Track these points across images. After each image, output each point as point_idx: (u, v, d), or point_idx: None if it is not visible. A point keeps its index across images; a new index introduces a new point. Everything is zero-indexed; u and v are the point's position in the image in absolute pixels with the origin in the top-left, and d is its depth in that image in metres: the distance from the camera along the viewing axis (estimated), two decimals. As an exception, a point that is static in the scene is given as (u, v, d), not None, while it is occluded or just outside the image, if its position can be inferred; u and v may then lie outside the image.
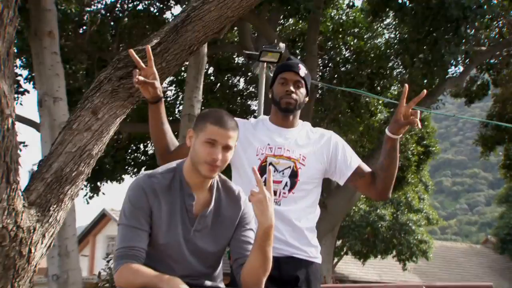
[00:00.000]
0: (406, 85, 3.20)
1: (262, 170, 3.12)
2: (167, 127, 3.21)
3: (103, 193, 17.98)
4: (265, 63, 9.85)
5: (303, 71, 3.29)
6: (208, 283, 2.79)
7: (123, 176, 18.62)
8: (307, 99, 3.36)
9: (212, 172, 2.67)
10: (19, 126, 13.68)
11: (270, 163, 3.18)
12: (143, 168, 18.87)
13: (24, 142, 12.19)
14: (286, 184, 3.17)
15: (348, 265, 26.51)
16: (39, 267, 3.59)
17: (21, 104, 13.77)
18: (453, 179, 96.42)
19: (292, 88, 3.25)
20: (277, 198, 3.13)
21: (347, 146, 3.35)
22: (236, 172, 3.30)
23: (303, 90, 3.30)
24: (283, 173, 3.18)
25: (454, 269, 30.48)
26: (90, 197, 17.89)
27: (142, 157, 19.10)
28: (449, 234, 73.00)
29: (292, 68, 3.29)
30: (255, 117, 12.77)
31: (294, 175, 3.19)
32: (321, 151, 3.28)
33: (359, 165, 3.30)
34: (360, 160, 3.35)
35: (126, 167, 18.67)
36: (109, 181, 18.20)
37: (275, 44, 9.45)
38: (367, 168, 3.31)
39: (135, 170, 18.97)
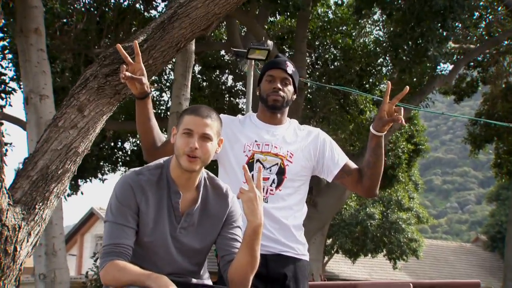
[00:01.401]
0: (389, 82, 3.24)
1: (249, 166, 3.10)
2: (154, 123, 3.19)
3: (82, 193, 17.93)
4: (253, 61, 9.81)
5: (290, 68, 3.29)
6: (193, 280, 2.78)
7: (101, 173, 18.57)
8: (294, 96, 3.36)
9: (192, 164, 2.63)
10: (5, 125, 13.53)
11: (258, 160, 3.17)
12: (119, 165, 18.90)
13: (11, 143, 12.06)
14: (273, 181, 3.16)
15: (339, 264, 26.54)
16: (26, 266, 3.56)
17: (10, 105, 13.61)
18: (443, 177, 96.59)
19: (279, 85, 3.24)
20: (264, 195, 3.10)
21: (334, 143, 3.35)
22: (223, 169, 3.27)
23: (290, 88, 3.29)
24: (270, 170, 3.17)
25: (445, 267, 30.57)
26: (68, 195, 17.72)
27: (119, 153, 19.09)
28: (439, 233, 73.17)
29: (279, 66, 3.29)
30: (243, 115, 12.77)
31: (281, 172, 3.18)
32: (308, 148, 3.27)
33: (346, 163, 3.30)
34: (347, 157, 3.34)
35: (101, 164, 18.63)
36: (89, 179, 18.12)
37: (263, 41, 9.41)
38: (354, 166, 3.31)
39: (112, 167, 18.96)
